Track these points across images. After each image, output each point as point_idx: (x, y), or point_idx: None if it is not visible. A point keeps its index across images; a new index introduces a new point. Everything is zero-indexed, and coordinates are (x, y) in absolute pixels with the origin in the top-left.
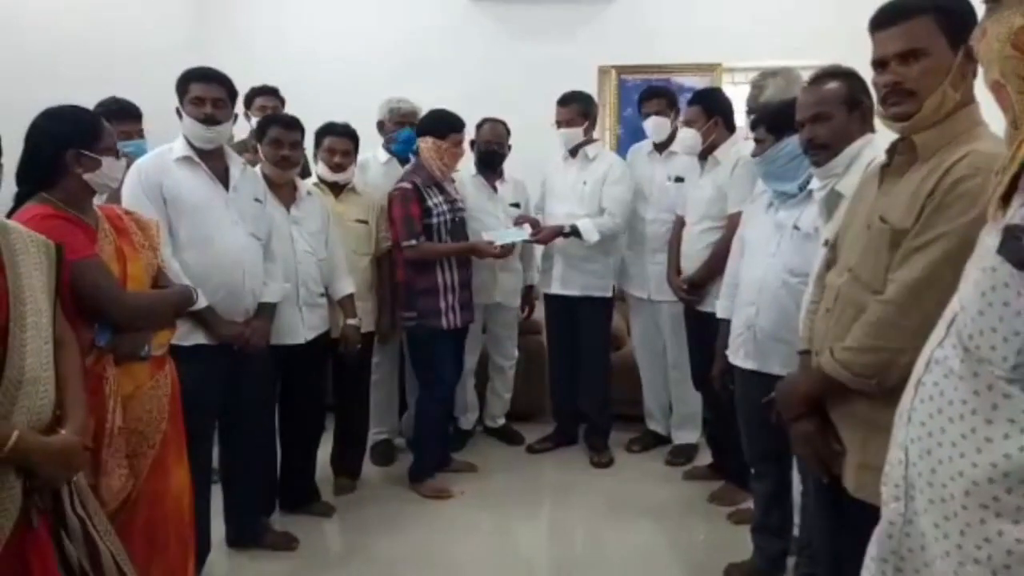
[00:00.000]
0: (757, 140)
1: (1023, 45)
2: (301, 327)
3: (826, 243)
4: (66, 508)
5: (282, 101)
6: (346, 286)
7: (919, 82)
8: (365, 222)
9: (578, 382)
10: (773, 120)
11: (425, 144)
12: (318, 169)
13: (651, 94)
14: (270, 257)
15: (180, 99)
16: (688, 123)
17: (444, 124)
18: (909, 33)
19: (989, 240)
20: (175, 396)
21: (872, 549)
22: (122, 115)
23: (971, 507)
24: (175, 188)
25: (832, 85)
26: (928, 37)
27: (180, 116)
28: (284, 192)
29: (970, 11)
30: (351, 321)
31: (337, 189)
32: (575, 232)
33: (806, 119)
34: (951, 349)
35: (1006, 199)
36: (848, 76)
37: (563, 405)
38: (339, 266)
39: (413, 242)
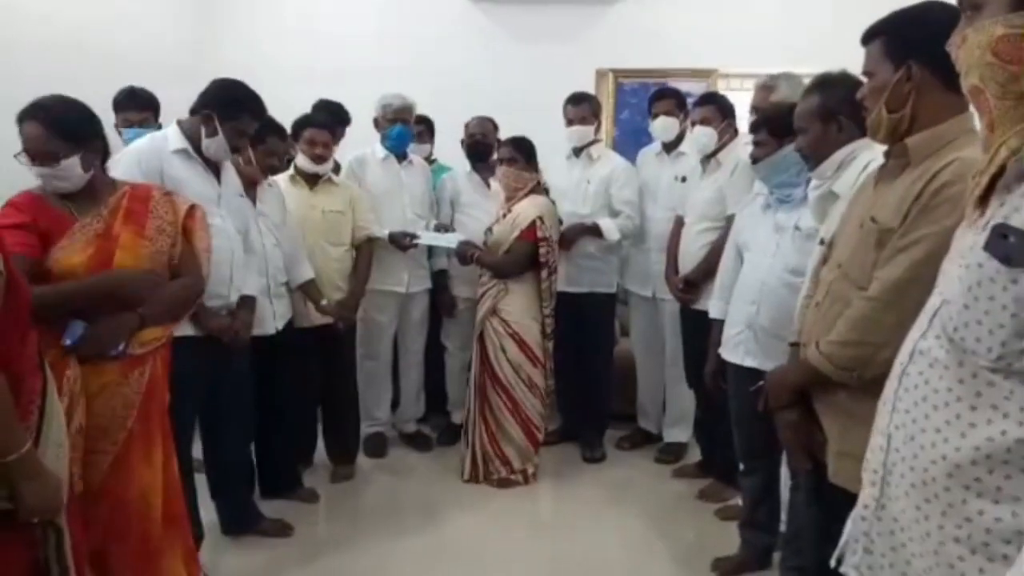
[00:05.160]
0: (756, 143)
1: (1002, 53)
2: (272, 318)
3: (821, 241)
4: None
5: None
6: (307, 271)
7: (869, 101)
8: (341, 212)
9: (583, 378)
10: (777, 123)
11: None
12: (297, 160)
13: (661, 95)
14: (249, 250)
15: (222, 118)
16: (704, 121)
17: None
18: (866, 55)
19: (970, 237)
20: (150, 394)
21: (846, 528)
22: (126, 104)
23: (953, 488)
24: (175, 178)
25: (808, 100)
26: (875, 60)
27: (208, 123)
28: (248, 186)
29: (927, 32)
30: (323, 302)
31: (313, 180)
32: (596, 230)
33: (795, 129)
34: (935, 340)
35: (984, 200)
36: (827, 88)
37: (570, 401)
38: (298, 253)
39: None
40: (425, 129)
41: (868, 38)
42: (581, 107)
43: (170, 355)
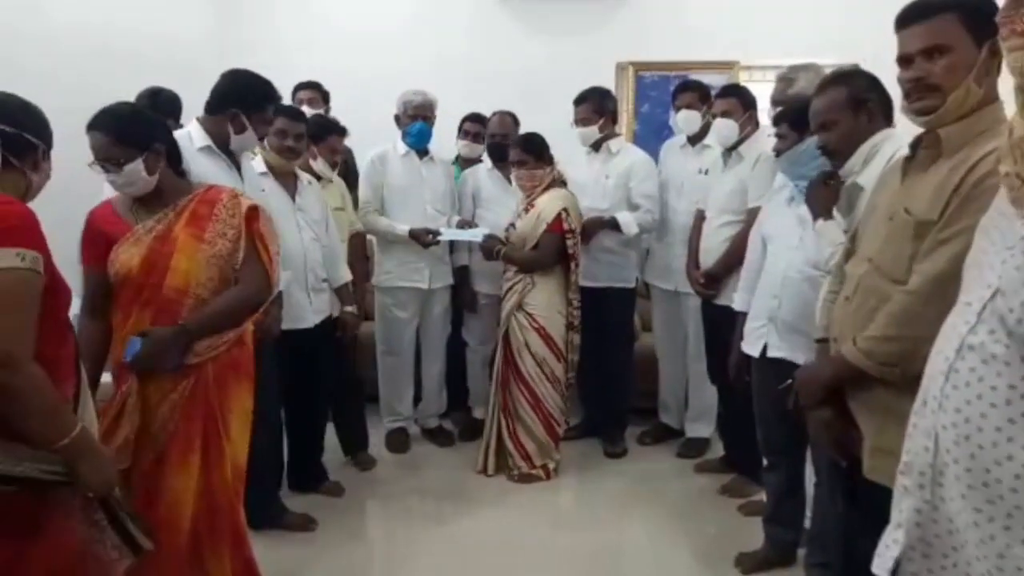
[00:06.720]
0: (779, 135)
1: None
2: (310, 312)
3: (845, 232)
4: None
5: (325, 95)
6: (345, 274)
7: (943, 77)
8: (342, 209)
9: (603, 373)
10: (797, 116)
11: None
12: (315, 165)
13: (685, 87)
14: None
15: (248, 113)
16: (726, 113)
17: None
18: (934, 30)
19: (1020, 226)
20: (194, 396)
21: (895, 536)
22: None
23: (1020, 491)
24: (202, 175)
25: (833, 92)
26: (952, 34)
27: (235, 121)
28: (287, 181)
29: (996, 9)
30: (348, 308)
31: (316, 179)
32: (615, 224)
33: (816, 127)
34: (988, 335)
35: None
36: (850, 78)
37: (592, 397)
38: (338, 253)
39: None
40: (482, 129)
41: (933, 12)
42: (581, 108)
43: (252, 353)
